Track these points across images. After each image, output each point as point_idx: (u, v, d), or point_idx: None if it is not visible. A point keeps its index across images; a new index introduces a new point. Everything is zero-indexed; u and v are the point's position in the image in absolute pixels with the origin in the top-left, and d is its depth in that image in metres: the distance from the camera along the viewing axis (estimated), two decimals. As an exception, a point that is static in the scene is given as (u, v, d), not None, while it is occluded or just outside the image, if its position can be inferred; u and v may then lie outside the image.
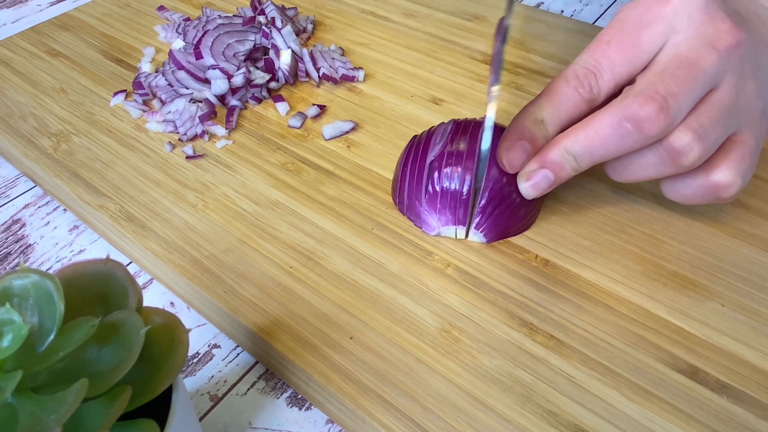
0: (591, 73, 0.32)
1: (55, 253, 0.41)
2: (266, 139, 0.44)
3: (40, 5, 0.68)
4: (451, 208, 0.35)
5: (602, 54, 0.32)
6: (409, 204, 0.37)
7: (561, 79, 0.33)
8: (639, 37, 0.32)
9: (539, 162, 0.33)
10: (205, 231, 0.37)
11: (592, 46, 0.33)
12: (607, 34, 0.33)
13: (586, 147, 0.32)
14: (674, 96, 0.30)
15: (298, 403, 0.33)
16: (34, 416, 0.19)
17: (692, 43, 0.31)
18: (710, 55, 0.30)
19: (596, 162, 0.32)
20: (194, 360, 0.35)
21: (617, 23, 0.33)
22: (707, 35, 0.30)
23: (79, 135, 0.45)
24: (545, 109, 0.33)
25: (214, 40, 0.48)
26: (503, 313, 0.32)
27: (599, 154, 0.32)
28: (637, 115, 0.30)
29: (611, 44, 0.32)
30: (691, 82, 0.30)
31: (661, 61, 0.31)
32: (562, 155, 0.32)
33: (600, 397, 0.29)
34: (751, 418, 0.28)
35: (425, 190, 0.36)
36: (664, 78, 0.30)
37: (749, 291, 0.33)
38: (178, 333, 0.24)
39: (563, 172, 0.33)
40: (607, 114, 0.31)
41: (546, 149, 0.33)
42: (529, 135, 0.33)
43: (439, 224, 0.36)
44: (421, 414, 0.28)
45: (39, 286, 0.21)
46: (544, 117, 0.33)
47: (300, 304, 0.33)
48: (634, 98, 0.30)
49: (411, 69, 0.50)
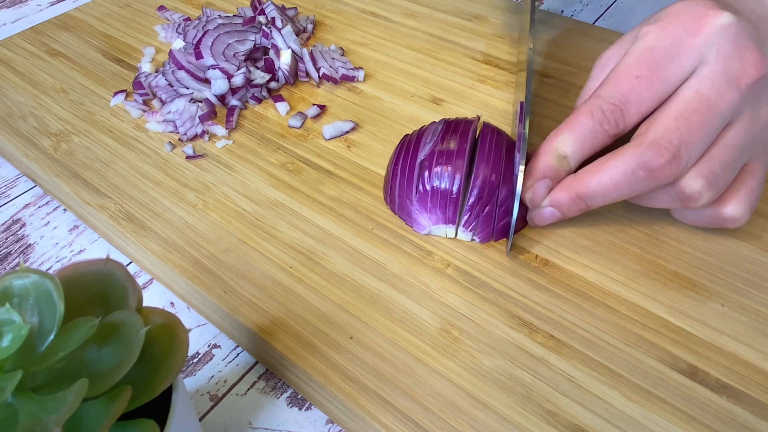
0: (618, 110, 0.32)
1: (55, 253, 0.41)
2: (266, 139, 0.44)
3: (40, 5, 0.68)
4: (441, 207, 0.35)
5: (631, 90, 0.32)
6: (400, 203, 0.37)
7: (585, 112, 0.33)
8: (668, 71, 0.31)
9: (550, 200, 0.34)
10: (205, 231, 0.37)
11: (619, 77, 0.33)
12: (635, 67, 0.32)
13: (598, 191, 0.32)
14: (688, 146, 0.30)
15: (298, 403, 0.33)
16: (34, 416, 0.19)
17: (716, 79, 0.30)
18: (731, 93, 0.30)
19: (606, 203, 0.33)
20: (194, 360, 0.35)
21: (646, 53, 0.32)
22: (733, 70, 0.30)
23: (79, 135, 0.45)
24: (569, 144, 0.33)
25: (214, 40, 0.48)
26: (503, 313, 0.32)
27: (612, 197, 0.33)
28: (651, 165, 0.30)
29: (641, 80, 0.32)
30: (706, 128, 0.30)
31: (682, 99, 0.31)
32: (573, 200, 0.33)
33: (600, 397, 0.29)
34: (751, 418, 0.28)
35: (416, 189, 0.36)
36: (679, 126, 0.30)
37: (749, 291, 0.33)
38: (178, 333, 0.24)
39: (571, 212, 0.34)
40: (621, 160, 0.31)
41: (559, 190, 0.34)
42: (552, 173, 0.34)
43: (429, 223, 0.36)
44: (421, 414, 0.28)
45: (39, 286, 0.21)
46: (567, 153, 0.33)
47: (300, 304, 0.33)
48: (648, 147, 0.30)
49: (411, 69, 0.50)
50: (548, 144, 0.34)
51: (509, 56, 0.51)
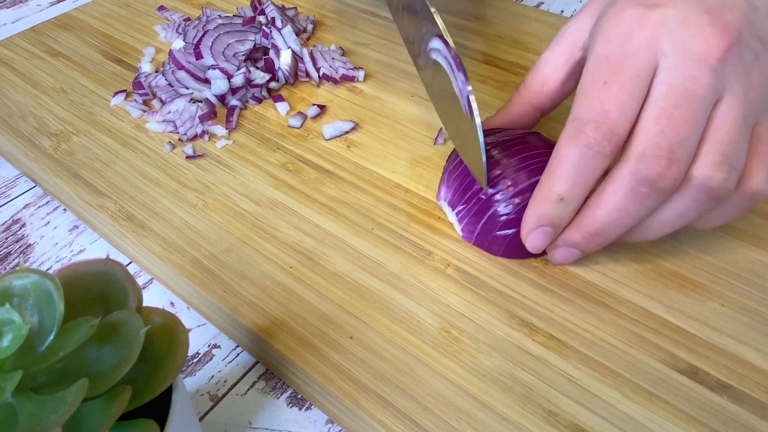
0: (602, 125, 0.29)
1: (55, 253, 0.41)
2: (266, 139, 0.44)
3: (40, 5, 0.68)
4: (456, 189, 0.36)
5: (606, 98, 0.29)
6: (447, 167, 0.38)
7: (566, 142, 0.30)
8: (632, 68, 0.29)
9: (565, 242, 0.33)
10: (205, 231, 0.37)
11: (587, 93, 0.30)
12: (599, 76, 0.30)
13: (608, 222, 0.30)
14: (680, 144, 0.28)
15: (298, 403, 0.33)
16: (34, 416, 0.19)
17: (683, 66, 0.28)
18: (704, 74, 0.28)
19: (623, 231, 0.31)
20: (194, 360, 0.35)
21: (601, 61, 0.30)
22: (697, 52, 0.28)
23: (79, 135, 0.45)
24: (561, 185, 0.30)
25: (214, 40, 0.48)
26: (503, 313, 0.32)
27: (624, 224, 0.30)
28: (649, 177, 0.28)
29: (610, 84, 0.29)
30: (691, 119, 0.28)
31: (656, 98, 0.29)
32: (587, 238, 0.32)
33: (600, 397, 0.29)
34: (751, 418, 0.28)
35: (454, 162, 0.37)
36: (663, 127, 0.28)
37: (749, 291, 0.33)
38: (178, 333, 0.24)
39: (590, 250, 0.33)
40: (617, 183, 0.29)
41: (569, 232, 0.32)
42: (550, 220, 0.31)
43: (444, 197, 0.37)
44: (421, 414, 0.28)
45: (39, 286, 0.21)
46: (561, 194, 0.31)
47: (300, 304, 0.33)
48: (638, 160, 0.28)
49: (411, 69, 0.50)
50: (539, 189, 0.31)
51: (509, 56, 0.51)
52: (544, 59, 0.36)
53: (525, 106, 0.37)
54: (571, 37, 0.35)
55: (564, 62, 0.35)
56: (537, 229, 0.32)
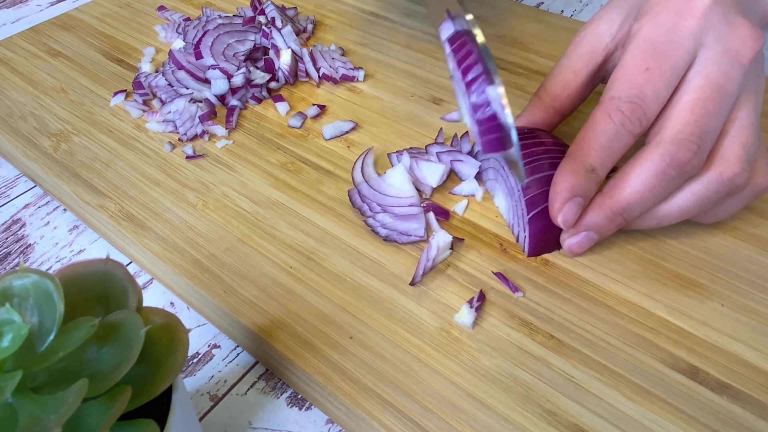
0: (638, 107, 0.31)
1: (55, 253, 0.41)
2: (266, 139, 0.44)
3: (40, 5, 0.68)
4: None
5: (645, 83, 0.31)
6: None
7: (603, 118, 0.32)
8: (674, 58, 0.31)
9: (585, 225, 0.33)
10: (205, 231, 0.37)
11: (629, 74, 0.32)
12: (642, 60, 0.32)
13: (634, 201, 0.32)
14: (707, 134, 0.30)
15: (298, 403, 0.33)
16: (34, 416, 0.19)
17: (720, 61, 0.31)
18: (736, 72, 0.30)
19: (644, 212, 0.32)
20: (194, 360, 0.35)
21: (648, 46, 0.32)
22: (733, 49, 0.31)
23: (79, 135, 0.45)
24: (594, 155, 0.32)
25: (214, 40, 0.48)
26: (503, 313, 0.32)
27: (648, 204, 0.32)
28: (679, 161, 0.30)
29: (651, 71, 0.31)
30: (720, 114, 0.30)
31: (692, 89, 0.31)
32: (610, 217, 0.32)
33: (600, 397, 0.29)
34: (751, 418, 0.28)
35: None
36: (697, 118, 0.30)
37: (749, 291, 0.33)
38: (178, 333, 0.24)
39: (609, 232, 0.33)
40: (649, 163, 0.31)
41: (591, 213, 0.33)
42: (583, 190, 0.32)
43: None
44: (421, 414, 0.28)
45: (39, 286, 0.21)
46: (595, 165, 0.32)
47: (300, 304, 0.33)
48: (672, 144, 0.30)
49: (411, 69, 0.50)
50: (571, 161, 0.32)
51: (509, 56, 0.51)
52: (564, 66, 0.37)
53: (547, 110, 0.38)
54: (590, 43, 0.36)
55: (583, 67, 0.37)
56: (571, 200, 0.32)
